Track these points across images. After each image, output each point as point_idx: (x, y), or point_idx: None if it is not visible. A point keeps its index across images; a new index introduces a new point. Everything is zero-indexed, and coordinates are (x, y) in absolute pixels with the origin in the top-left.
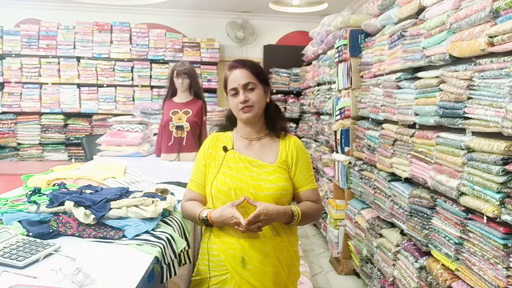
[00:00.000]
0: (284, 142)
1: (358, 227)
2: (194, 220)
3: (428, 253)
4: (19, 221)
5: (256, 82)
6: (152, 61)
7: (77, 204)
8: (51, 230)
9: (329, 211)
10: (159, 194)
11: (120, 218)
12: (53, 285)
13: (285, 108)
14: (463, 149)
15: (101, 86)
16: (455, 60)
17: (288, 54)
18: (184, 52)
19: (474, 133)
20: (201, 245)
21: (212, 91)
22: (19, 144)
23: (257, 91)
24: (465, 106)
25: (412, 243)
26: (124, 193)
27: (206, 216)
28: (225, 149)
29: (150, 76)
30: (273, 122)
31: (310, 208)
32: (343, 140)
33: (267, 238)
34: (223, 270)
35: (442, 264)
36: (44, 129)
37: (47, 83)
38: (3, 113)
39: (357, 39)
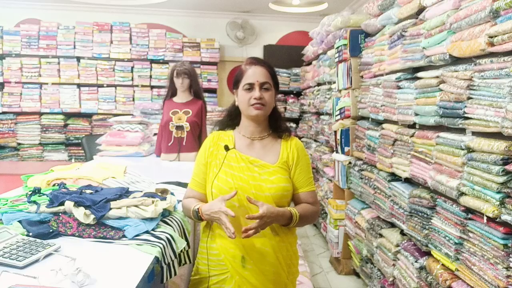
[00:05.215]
0: (286, 143)
1: (358, 227)
2: (190, 216)
3: (428, 253)
4: (19, 221)
5: (271, 84)
6: (152, 61)
7: (77, 204)
8: (51, 230)
9: (329, 211)
10: (159, 194)
11: (120, 218)
12: (53, 285)
13: (285, 108)
14: (463, 149)
15: (101, 86)
16: (455, 60)
17: (288, 54)
18: (184, 52)
19: (474, 133)
20: (200, 244)
21: (212, 91)
22: (19, 144)
23: (270, 92)
24: (465, 106)
25: (412, 243)
26: (124, 193)
27: (197, 209)
28: (226, 148)
29: (150, 76)
30: (277, 125)
31: (307, 210)
32: (343, 140)
33: (267, 238)
34: (223, 270)
35: (442, 264)
36: (44, 129)
37: (47, 83)
38: (3, 113)
39: (357, 39)
